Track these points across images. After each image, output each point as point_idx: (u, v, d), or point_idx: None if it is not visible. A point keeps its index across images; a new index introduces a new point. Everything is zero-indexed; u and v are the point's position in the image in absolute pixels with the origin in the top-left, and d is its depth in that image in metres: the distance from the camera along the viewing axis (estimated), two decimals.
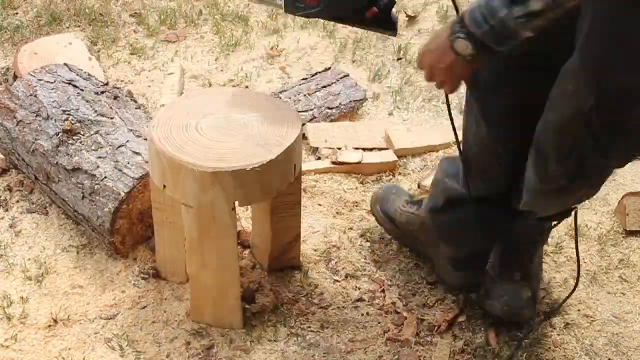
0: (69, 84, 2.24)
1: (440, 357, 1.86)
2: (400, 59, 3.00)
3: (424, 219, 2.00)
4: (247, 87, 2.80)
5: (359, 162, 2.40)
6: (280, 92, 2.66)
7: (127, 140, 2.08)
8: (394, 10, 1.72)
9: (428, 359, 1.85)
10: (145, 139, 2.02)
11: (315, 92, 2.66)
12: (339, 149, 2.44)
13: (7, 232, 2.17)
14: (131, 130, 2.12)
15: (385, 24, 1.73)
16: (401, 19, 3.27)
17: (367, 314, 1.97)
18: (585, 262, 2.12)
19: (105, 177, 2.01)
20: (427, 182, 2.32)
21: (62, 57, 2.65)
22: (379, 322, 1.95)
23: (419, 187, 2.35)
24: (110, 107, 2.18)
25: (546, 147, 1.57)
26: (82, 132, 2.11)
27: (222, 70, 2.90)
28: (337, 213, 2.26)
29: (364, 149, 2.46)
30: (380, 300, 2.00)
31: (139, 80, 2.83)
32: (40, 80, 2.26)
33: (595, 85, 1.41)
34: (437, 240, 1.98)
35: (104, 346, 1.86)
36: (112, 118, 2.15)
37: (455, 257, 1.95)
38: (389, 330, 1.92)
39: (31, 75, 2.29)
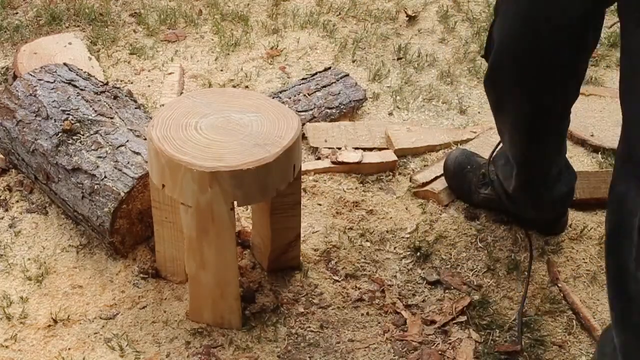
0: (69, 83, 2.24)
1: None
2: (401, 58, 3.00)
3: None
4: (247, 87, 2.80)
5: (358, 162, 2.40)
6: (280, 92, 2.65)
7: (127, 140, 2.08)
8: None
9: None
10: (145, 139, 2.02)
11: (315, 92, 2.66)
12: (339, 148, 2.44)
13: (7, 232, 2.17)
14: (131, 130, 2.12)
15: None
16: (401, 18, 3.27)
17: (367, 314, 1.97)
18: (585, 262, 2.12)
19: (105, 177, 2.01)
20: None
21: (61, 57, 2.65)
22: (379, 322, 1.95)
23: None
24: (110, 107, 2.18)
25: None
26: (81, 132, 2.11)
27: (222, 70, 2.90)
28: (337, 213, 2.26)
29: (363, 149, 2.46)
30: (380, 300, 2.00)
31: (139, 80, 2.83)
32: (40, 80, 2.26)
33: None
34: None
35: (104, 346, 1.86)
36: (112, 118, 2.15)
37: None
38: (388, 331, 1.92)
39: (31, 75, 2.29)
